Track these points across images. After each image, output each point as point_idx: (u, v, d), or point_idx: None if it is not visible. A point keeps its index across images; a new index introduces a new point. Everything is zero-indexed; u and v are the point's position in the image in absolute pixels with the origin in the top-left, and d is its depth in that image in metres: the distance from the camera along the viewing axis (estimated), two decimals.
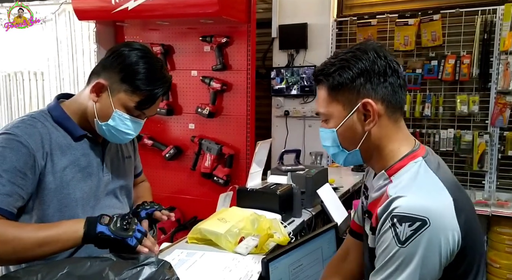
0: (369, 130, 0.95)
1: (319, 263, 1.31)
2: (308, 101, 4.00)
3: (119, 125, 1.15)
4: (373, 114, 0.93)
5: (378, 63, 0.94)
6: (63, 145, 1.15)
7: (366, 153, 0.99)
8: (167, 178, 3.09)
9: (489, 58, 3.13)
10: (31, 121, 1.13)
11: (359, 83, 0.94)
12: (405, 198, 0.86)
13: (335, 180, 2.29)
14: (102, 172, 1.23)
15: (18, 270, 0.91)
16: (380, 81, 0.94)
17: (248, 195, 1.67)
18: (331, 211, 1.76)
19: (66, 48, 3.10)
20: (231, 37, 2.79)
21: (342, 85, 0.95)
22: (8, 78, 3.33)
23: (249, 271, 1.18)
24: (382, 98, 0.94)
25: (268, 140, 1.83)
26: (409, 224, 0.82)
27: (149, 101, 1.15)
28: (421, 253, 0.82)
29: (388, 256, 0.85)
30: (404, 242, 0.83)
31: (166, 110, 2.98)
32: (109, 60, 1.16)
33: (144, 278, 0.92)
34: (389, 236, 0.85)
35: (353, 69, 0.94)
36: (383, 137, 0.96)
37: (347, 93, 0.95)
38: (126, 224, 1.05)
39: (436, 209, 0.84)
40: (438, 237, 0.82)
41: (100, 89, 1.15)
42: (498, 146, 3.15)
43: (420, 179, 0.90)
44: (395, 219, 0.84)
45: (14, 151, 1.05)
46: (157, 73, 1.15)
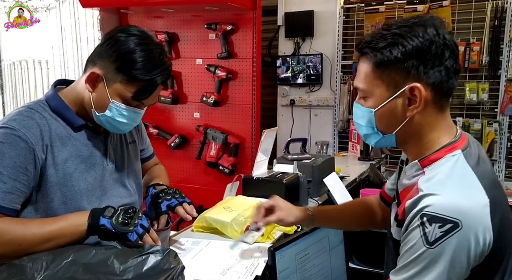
0: (411, 117, 0.87)
1: (325, 252, 1.30)
2: (314, 90, 3.97)
3: (116, 116, 1.11)
4: (419, 101, 0.84)
5: (437, 42, 0.83)
6: (63, 136, 1.11)
7: (402, 139, 0.91)
8: (173, 168, 3.08)
9: (500, 45, 3.08)
10: (29, 112, 1.08)
11: (410, 64, 0.83)
12: (437, 196, 0.80)
13: (341, 169, 2.27)
14: (106, 161, 1.19)
15: (23, 258, 0.91)
16: (435, 64, 0.83)
17: (254, 184, 1.66)
18: (337, 200, 1.75)
19: (71, 36, 3.09)
20: (237, 25, 2.75)
21: (390, 63, 0.84)
22: (13, 67, 3.33)
23: (256, 260, 1.17)
24: (433, 84, 0.84)
25: (274, 128, 1.81)
26: (439, 225, 0.77)
27: (147, 91, 1.10)
28: (450, 256, 0.78)
29: (414, 255, 0.80)
30: (432, 243, 0.78)
31: (171, 99, 2.96)
32: (104, 47, 1.09)
33: (149, 267, 0.92)
34: (417, 235, 0.80)
35: (407, 47, 0.83)
36: (425, 125, 0.88)
37: (394, 73, 0.85)
38: (128, 218, 1.02)
39: (469, 211, 0.78)
40: (469, 240, 0.77)
41: (95, 79, 1.09)
42: (508, 134, 3.11)
43: (456, 176, 0.83)
44: (424, 218, 0.79)
45: (13, 147, 1.02)
46: (155, 60, 1.09)
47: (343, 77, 3.82)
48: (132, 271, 0.90)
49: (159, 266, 0.92)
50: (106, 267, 0.90)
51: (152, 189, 1.30)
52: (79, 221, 1.02)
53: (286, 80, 4.00)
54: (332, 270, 1.31)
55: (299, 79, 3.95)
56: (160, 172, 1.46)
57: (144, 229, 1.04)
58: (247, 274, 1.09)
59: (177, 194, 1.26)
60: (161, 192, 1.26)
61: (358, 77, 0.93)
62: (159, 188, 1.29)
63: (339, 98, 3.82)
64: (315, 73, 3.88)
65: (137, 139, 1.36)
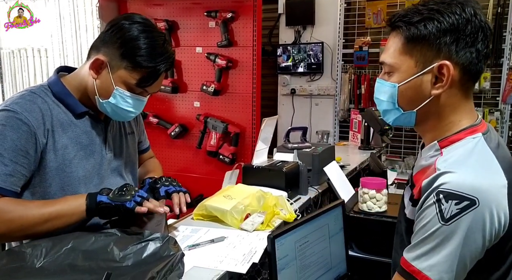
0: (435, 95, 0.85)
1: (325, 240, 1.30)
2: (315, 79, 3.94)
3: (120, 103, 1.11)
4: (446, 79, 0.83)
5: (473, 23, 0.82)
6: (64, 122, 1.12)
7: (422, 118, 0.90)
8: (173, 157, 3.08)
9: (502, 33, 3.05)
10: (31, 96, 1.09)
11: (443, 41, 0.82)
12: (454, 174, 0.79)
13: (342, 158, 2.27)
14: (105, 149, 1.20)
15: (23, 245, 0.91)
16: (467, 45, 0.82)
17: (254, 173, 1.66)
18: (338, 188, 1.74)
19: (69, 24, 3.06)
20: (237, 12, 2.73)
21: (423, 38, 0.83)
22: (12, 55, 3.31)
23: (253, 248, 1.17)
24: (463, 64, 0.83)
25: (274, 117, 1.80)
26: (456, 202, 0.77)
27: (151, 78, 1.10)
28: (464, 233, 0.77)
29: (429, 232, 0.80)
30: (448, 219, 0.78)
31: (171, 88, 2.95)
32: (108, 34, 1.10)
33: (149, 254, 0.92)
34: (432, 212, 0.80)
35: (443, 24, 0.82)
36: (448, 106, 0.87)
37: (425, 49, 0.84)
38: (125, 191, 1.04)
39: (487, 190, 0.78)
40: (484, 218, 0.77)
41: (99, 66, 1.10)
42: (509, 123, 3.10)
43: (475, 157, 0.83)
44: (441, 195, 0.79)
45: (14, 130, 1.02)
46: (159, 48, 1.10)
47: (344, 66, 3.79)
48: (131, 258, 0.91)
49: (158, 253, 0.92)
50: (106, 254, 0.91)
51: (148, 179, 1.31)
52: (78, 202, 1.03)
53: (286, 69, 3.98)
54: (331, 258, 1.32)
55: (300, 68, 3.92)
56: (155, 166, 1.47)
57: (142, 198, 1.05)
58: (244, 261, 1.09)
59: (174, 182, 1.28)
60: (159, 179, 1.27)
61: (386, 52, 0.91)
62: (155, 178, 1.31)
63: (340, 87, 3.80)
64: (316, 62, 3.86)
65: (135, 130, 1.36)
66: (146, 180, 1.31)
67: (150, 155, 1.52)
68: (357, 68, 3.72)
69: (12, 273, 0.83)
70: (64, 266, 0.87)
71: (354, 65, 3.72)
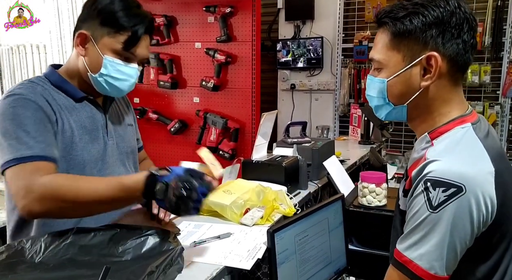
0: (424, 87, 0.87)
1: (325, 234, 1.30)
2: (314, 74, 3.93)
3: (112, 72, 1.13)
4: (434, 70, 0.85)
5: (457, 15, 0.84)
6: (67, 107, 1.14)
7: (413, 112, 0.91)
8: (173, 153, 3.08)
9: (502, 26, 3.03)
10: (31, 84, 1.11)
11: (429, 34, 0.84)
12: (440, 162, 0.80)
13: (341, 153, 2.26)
14: (106, 136, 1.21)
15: (22, 240, 0.91)
16: (453, 37, 0.84)
17: (253, 167, 1.66)
18: (337, 183, 1.74)
19: (68, 20, 3.05)
20: (235, 7, 2.71)
21: (410, 33, 0.85)
22: (11, 52, 3.30)
23: (258, 244, 1.17)
24: (450, 56, 0.85)
25: (273, 111, 1.80)
26: (443, 190, 0.78)
27: (134, 38, 1.12)
28: (452, 220, 0.78)
29: (418, 221, 0.81)
30: (436, 207, 0.78)
31: (171, 84, 2.94)
32: (84, 11, 1.15)
33: (148, 248, 0.92)
34: (421, 201, 0.80)
35: (428, 17, 0.84)
36: (438, 98, 0.88)
37: (412, 43, 0.86)
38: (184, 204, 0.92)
39: (474, 177, 0.78)
40: (471, 205, 0.77)
41: (83, 40, 1.13)
42: (509, 117, 3.09)
43: (463, 145, 0.84)
44: (428, 183, 0.79)
45: (25, 108, 1.04)
46: (134, 10, 1.14)
47: (344, 61, 3.78)
48: (131, 253, 0.90)
49: (158, 248, 0.92)
50: (105, 249, 0.91)
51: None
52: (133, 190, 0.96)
53: (286, 64, 3.96)
54: (331, 252, 1.32)
55: (300, 63, 3.91)
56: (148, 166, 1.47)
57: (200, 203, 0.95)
58: (248, 257, 1.09)
59: None
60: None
61: (374, 48, 0.93)
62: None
63: (339, 82, 3.79)
64: (315, 57, 3.85)
65: (134, 124, 1.38)
66: None
67: (144, 155, 1.54)
68: (357, 63, 3.71)
69: (11, 268, 0.83)
70: (64, 261, 0.87)
71: (354, 60, 3.71)
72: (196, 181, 0.93)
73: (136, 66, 1.17)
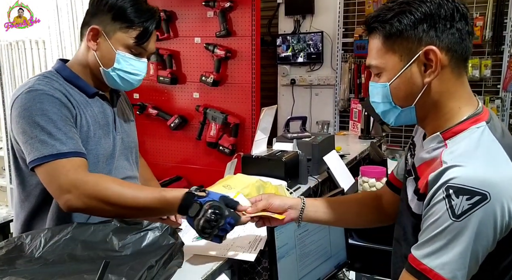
0: (428, 83, 0.84)
1: (325, 229, 1.30)
2: (315, 69, 3.92)
3: (125, 66, 1.16)
4: (435, 64, 0.83)
5: (445, 6, 0.83)
6: (82, 102, 1.16)
7: (422, 111, 0.88)
8: (173, 148, 3.08)
9: (503, 20, 3.02)
10: (48, 80, 1.13)
11: (421, 30, 0.83)
12: (463, 168, 0.77)
13: (341, 148, 2.26)
14: (115, 130, 1.24)
15: (22, 235, 0.91)
16: (446, 27, 0.83)
17: (253, 162, 1.65)
18: (337, 177, 1.74)
19: (67, 15, 3.03)
20: (235, 2, 2.70)
21: (401, 32, 0.84)
22: (10, 47, 3.29)
23: (258, 236, 1.17)
24: (448, 47, 0.83)
25: (273, 106, 1.79)
26: (467, 198, 0.75)
27: (145, 33, 1.15)
28: (476, 228, 0.76)
29: (439, 229, 0.78)
30: (459, 216, 0.76)
31: (170, 79, 2.93)
32: (94, 6, 1.16)
33: (148, 243, 0.92)
34: (442, 208, 0.77)
35: (415, 14, 0.82)
36: (444, 93, 0.86)
37: (406, 42, 0.84)
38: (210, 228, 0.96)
39: (498, 183, 0.76)
40: (495, 212, 0.75)
41: (95, 35, 1.14)
42: (510, 111, 3.08)
43: (482, 148, 0.81)
44: (450, 190, 0.76)
45: (52, 104, 1.06)
46: (143, 5, 1.17)
47: (344, 55, 3.77)
48: (130, 247, 0.90)
49: (157, 242, 0.92)
50: (105, 244, 0.91)
51: None
52: (171, 206, 1.01)
53: (286, 59, 3.95)
54: (331, 246, 1.32)
55: (300, 58, 3.90)
56: (150, 173, 1.52)
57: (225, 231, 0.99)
58: (250, 248, 1.10)
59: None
60: None
61: (369, 55, 0.91)
62: None
63: (340, 77, 3.78)
64: (315, 52, 3.83)
65: (134, 120, 1.40)
66: None
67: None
68: (357, 57, 3.70)
69: (11, 263, 0.83)
70: (63, 256, 0.87)
71: (354, 54, 3.69)
72: (227, 210, 0.98)
73: (146, 60, 1.21)
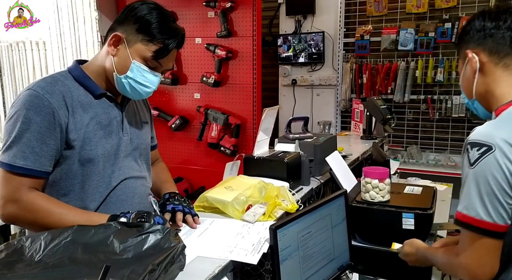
0: (477, 79, 1.07)
1: (328, 230, 1.29)
2: (316, 69, 3.91)
3: (137, 76, 1.19)
4: (475, 62, 1.07)
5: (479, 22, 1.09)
6: (85, 103, 1.19)
7: (483, 101, 1.10)
8: (174, 149, 3.07)
9: None
10: (52, 79, 1.17)
11: (467, 38, 1.10)
12: (480, 127, 0.98)
13: (344, 148, 2.25)
14: (121, 131, 1.25)
15: (22, 238, 0.90)
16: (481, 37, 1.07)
17: (255, 164, 1.64)
18: (340, 178, 1.73)
19: (67, 16, 3.03)
20: (236, 2, 2.69)
21: (459, 42, 1.14)
22: (10, 48, 3.29)
23: (262, 238, 1.16)
24: (484, 49, 1.06)
25: (275, 107, 1.78)
26: (477, 149, 0.94)
27: (165, 50, 1.18)
28: (486, 172, 0.93)
29: (463, 179, 0.98)
30: (473, 164, 0.95)
31: (171, 80, 2.93)
32: (123, 15, 1.21)
33: (149, 246, 0.91)
34: (465, 162, 0.97)
35: (465, 28, 1.12)
36: (491, 83, 1.06)
37: (459, 48, 1.13)
38: (145, 217, 1.08)
39: (505, 141, 0.92)
40: (501, 159, 0.92)
41: (117, 41, 1.19)
42: None
43: (509, 119, 0.99)
44: (468, 146, 0.97)
45: (37, 112, 1.09)
46: (170, 23, 1.21)
47: (345, 55, 3.76)
48: (132, 250, 0.89)
49: (159, 245, 0.91)
50: (106, 247, 0.90)
51: (167, 195, 1.36)
52: (100, 220, 1.07)
53: (287, 60, 3.94)
54: (334, 248, 1.31)
55: (301, 58, 3.89)
56: (166, 175, 1.52)
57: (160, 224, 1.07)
58: (254, 251, 1.08)
59: (185, 203, 1.31)
60: (171, 198, 1.32)
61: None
62: (172, 195, 1.36)
63: (341, 77, 3.77)
64: (317, 52, 3.82)
65: (149, 122, 1.43)
66: (165, 196, 1.36)
67: (157, 155, 1.57)
68: (359, 57, 3.68)
69: (10, 267, 0.82)
70: (64, 259, 0.86)
71: (355, 54, 3.68)
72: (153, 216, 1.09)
73: (160, 75, 1.24)
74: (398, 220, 1.42)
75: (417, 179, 2.38)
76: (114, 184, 1.23)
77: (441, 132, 3.50)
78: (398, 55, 3.50)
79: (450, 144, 3.47)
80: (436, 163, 3.37)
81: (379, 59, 3.59)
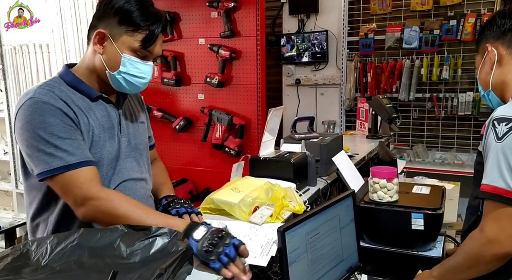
0: (494, 69, 1.17)
1: (336, 231, 1.27)
2: (320, 68, 3.89)
3: (130, 70, 1.16)
4: (493, 55, 1.17)
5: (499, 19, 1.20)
6: (84, 107, 1.17)
7: (498, 91, 1.18)
8: (178, 150, 3.06)
9: None
10: (48, 86, 1.14)
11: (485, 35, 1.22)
12: (504, 106, 1.09)
13: (350, 148, 2.23)
14: (120, 132, 1.24)
15: (28, 242, 0.89)
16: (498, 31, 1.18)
17: (261, 164, 1.63)
18: (347, 178, 1.71)
19: (70, 19, 3.03)
20: (239, 2, 2.68)
21: (478, 38, 1.26)
22: (14, 51, 3.29)
23: (270, 239, 1.15)
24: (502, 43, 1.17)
25: (280, 107, 1.76)
26: (505, 124, 1.01)
27: (151, 37, 1.16)
28: None
29: (492, 154, 1.02)
30: (501, 138, 1.00)
31: (175, 81, 2.92)
32: (101, 9, 1.17)
33: (156, 249, 0.89)
34: (491, 137, 1.03)
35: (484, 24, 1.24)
36: (508, 73, 1.16)
37: (479, 43, 1.24)
38: (212, 246, 0.96)
39: None
40: None
41: (102, 38, 1.15)
42: None
43: None
44: (495, 122, 1.04)
45: (53, 115, 1.08)
46: (149, 9, 1.17)
47: (349, 54, 3.74)
48: (139, 254, 0.88)
49: (166, 249, 0.90)
50: (113, 251, 0.88)
51: (164, 200, 1.36)
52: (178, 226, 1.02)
53: (291, 59, 3.92)
54: (343, 249, 1.29)
55: (304, 58, 3.87)
56: (165, 176, 1.50)
57: (228, 258, 0.95)
58: (263, 253, 1.07)
59: (186, 204, 1.30)
60: (172, 202, 1.31)
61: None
62: (170, 199, 1.35)
63: (345, 76, 3.75)
64: (320, 51, 3.80)
65: (146, 121, 1.40)
66: (162, 201, 1.35)
67: (155, 154, 1.55)
68: (363, 56, 3.66)
69: (17, 272, 0.81)
70: (70, 264, 0.85)
71: (359, 53, 3.66)
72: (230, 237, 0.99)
73: (152, 63, 1.22)
74: (407, 220, 1.40)
75: (424, 178, 2.36)
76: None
77: (447, 131, 3.47)
78: (403, 53, 3.48)
79: (456, 142, 3.44)
80: (443, 161, 3.34)
81: (384, 58, 3.57)
